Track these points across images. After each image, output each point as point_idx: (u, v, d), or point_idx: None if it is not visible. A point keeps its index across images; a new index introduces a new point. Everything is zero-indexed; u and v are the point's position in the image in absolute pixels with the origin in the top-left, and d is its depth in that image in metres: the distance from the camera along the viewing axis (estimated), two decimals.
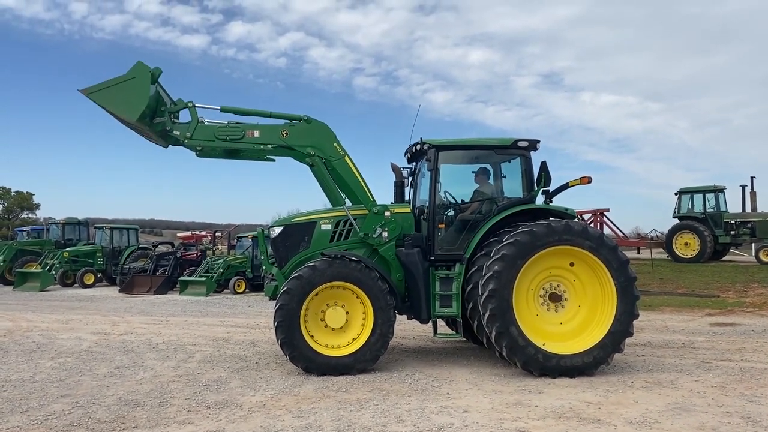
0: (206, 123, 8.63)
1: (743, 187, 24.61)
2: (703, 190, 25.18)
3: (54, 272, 25.70)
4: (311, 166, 8.87)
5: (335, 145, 8.91)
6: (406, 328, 11.77)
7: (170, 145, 8.89)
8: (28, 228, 37.40)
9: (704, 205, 24.89)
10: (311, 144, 8.77)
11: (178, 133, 8.47)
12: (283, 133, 8.72)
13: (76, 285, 26.01)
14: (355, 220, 8.76)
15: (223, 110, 8.69)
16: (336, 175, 8.93)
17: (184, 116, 8.67)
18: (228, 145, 8.65)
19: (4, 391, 7.14)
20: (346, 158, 8.94)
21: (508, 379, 7.67)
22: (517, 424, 5.77)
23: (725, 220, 24.21)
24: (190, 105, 8.56)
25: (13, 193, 62.52)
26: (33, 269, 26.09)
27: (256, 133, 8.66)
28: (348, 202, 9.06)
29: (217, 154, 9.02)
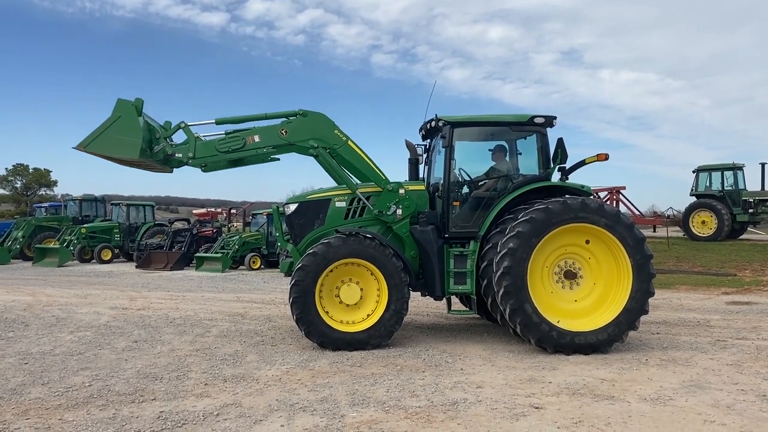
0: (204, 138, 8.59)
1: (763, 164, 24.24)
2: (722, 168, 24.86)
3: (72, 248, 26.04)
4: (316, 157, 8.80)
5: (336, 132, 8.77)
6: (420, 305, 11.82)
7: (175, 169, 8.85)
8: (46, 204, 37.88)
9: (722, 183, 24.59)
10: (312, 137, 8.65)
11: (181, 155, 8.46)
12: (282, 131, 8.60)
13: (93, 261, 26.35)
14: (367, 199, 8.76)
15: (218, 123, 8.63)
16: (342, 161, 8.84)
17: (178, 137, 8.67)
18: (231, 156, 8.59)
19: (26, 363, 7.29)
20: (349, 142, 8.83)
21: (522, 356, 7.70)
22: (530, 400, 5.80)
23: (743, 198, 23.93)
24: (183, 125, 8.52)
25: (31, 170, 63.24)
26: (51, 245, 26.42)
27: (257, 138, 8.56)
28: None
29: (222, 167, 8.98)
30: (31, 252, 26.69)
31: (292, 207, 8.97)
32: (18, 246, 27.43)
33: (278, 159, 8.98)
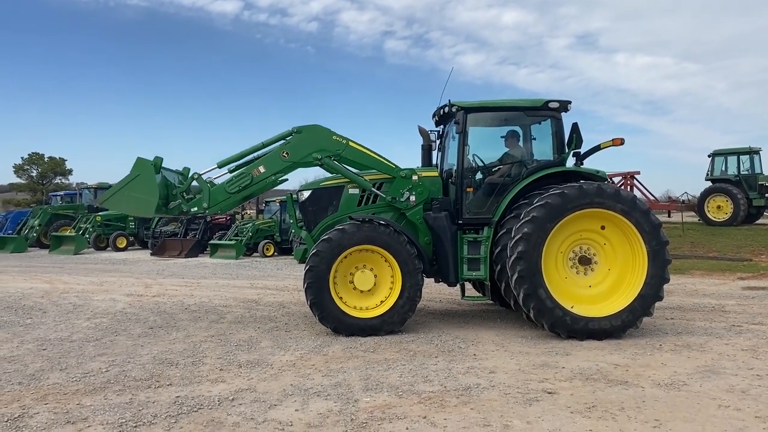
0: (215, 182, 8.72)
1: None
2: (738, 152, 24.55)
3: (87, 236, 26.32)
4: (321, 166, 8.82)
5: (335, 138, 8.75)
6: (434, 291, 11.83)
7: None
8: (61, 193, 38.16)
9: (738, 167, 24.29)
10: (313, 150, 8.65)
11: (196, 209, 8.68)
12: (284, 154, 8.62)
13: (109, 248, 26.61)
14: (380, 186, 8.78)
15: (220, 166, 8.76)
16: (348, 162, 8.86)
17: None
18: (243, 193, 8.71)
19: (44, 349, 7.39)
20: (351, 143, 8.81)
21: (535, 341, 7.69)
22: (543, 385, 5.80)
23: (760, 182, 23.64)
24: (196, 176, 8.66)
25: (46, 159, 63.66)
26: (67, 233, 26.71)
27: (262, 169, 8.62)
28: None
29: (236, 203, 9.21)
30: (48, 240, 26.99)
31: (306, 194, 8.99)
32: (34, 234, 27.74)
33: (287, 179, 9.09)
